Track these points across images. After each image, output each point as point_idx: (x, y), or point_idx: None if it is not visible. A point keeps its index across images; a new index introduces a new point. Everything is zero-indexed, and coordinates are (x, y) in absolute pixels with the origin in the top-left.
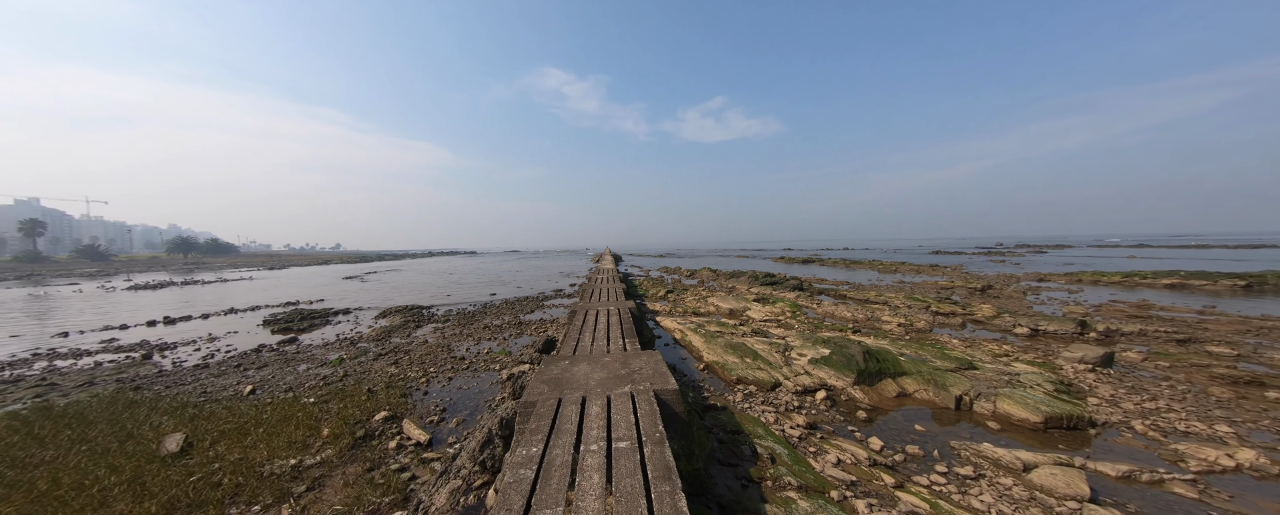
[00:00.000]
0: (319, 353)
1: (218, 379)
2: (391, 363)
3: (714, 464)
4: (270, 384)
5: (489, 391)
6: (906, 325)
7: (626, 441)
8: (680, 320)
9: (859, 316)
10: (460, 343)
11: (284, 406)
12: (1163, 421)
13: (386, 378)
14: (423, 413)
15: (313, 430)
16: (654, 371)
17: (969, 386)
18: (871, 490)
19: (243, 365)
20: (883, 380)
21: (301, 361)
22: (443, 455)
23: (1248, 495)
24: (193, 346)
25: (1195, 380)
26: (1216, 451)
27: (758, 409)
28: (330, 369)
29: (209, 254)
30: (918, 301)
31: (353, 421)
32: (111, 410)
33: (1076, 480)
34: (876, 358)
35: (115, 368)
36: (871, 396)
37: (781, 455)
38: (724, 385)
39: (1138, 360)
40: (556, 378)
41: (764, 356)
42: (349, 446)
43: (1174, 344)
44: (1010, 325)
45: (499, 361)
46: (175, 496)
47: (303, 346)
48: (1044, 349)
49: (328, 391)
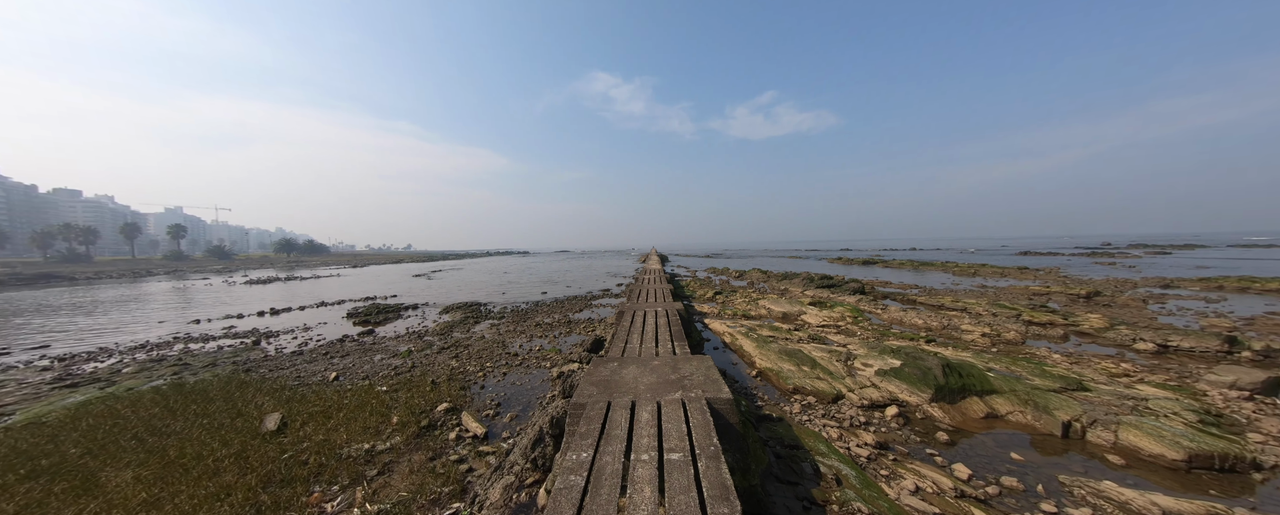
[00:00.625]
0: (391, 344)
1: (309, 365)
2: (452, 356)
3: (772, 481)
4: (350, 372)
5: (540, 389)
6: (992, 336)
7: (679, 454)
8: (730, 323)
9: (933, 324)
10: (514, 339)
11: (361, 394)
12: None
13: (448, 371)
14: (479, 406)
15: (384, 417)
16: (705, 378)
17: (1080, 411)
18: None
19: (329, 353)
20: (967, 398)
21: (377, 352)
22: (497, 450)
23: None
24: (291, 335)
25: None
26: None
27: (818, 422)
28: (400, 360)
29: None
30: (1005, 309)
31: (418, 411)
32: (227, 389)
33: None
34: (959, 372)
35: (232, 352)
36: (953, 416)
37: (848, 477)
38: (779, 394)
39: None
40: (605, 380)
41: (823, 365)
42: (414, 435)
43: None
44: (1129, 339)
45: (549, 359)
46: (271, 472)
47: (378, 338)
48: (1178, 370)
49: (398, 381)
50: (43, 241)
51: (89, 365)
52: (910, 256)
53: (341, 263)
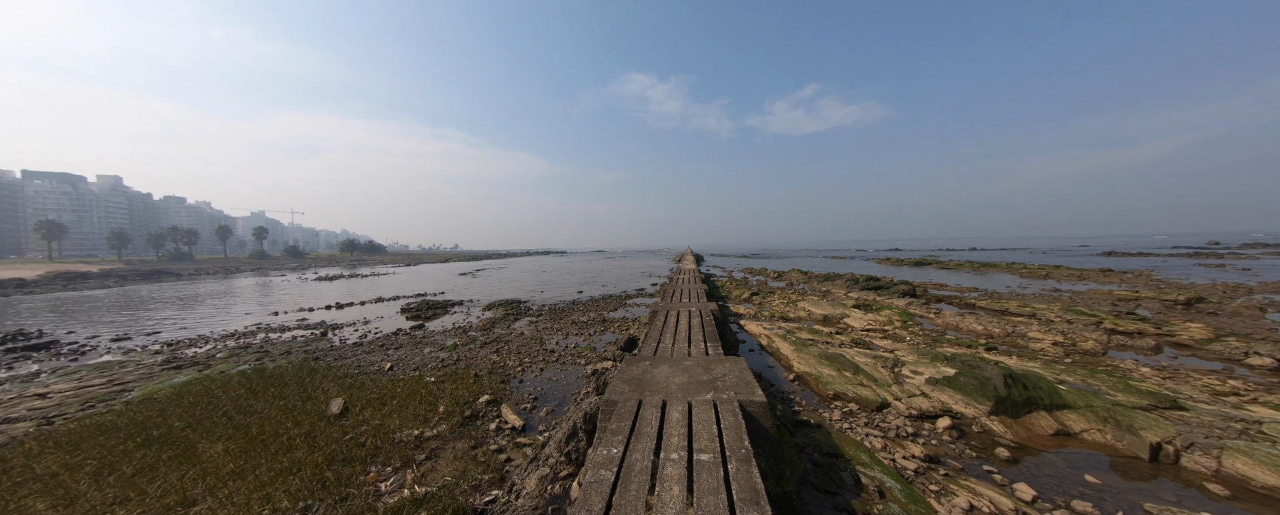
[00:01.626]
0: (439, 338)
1: (368, 355)
2: (494, 351)
3: (808, 488)
4: (403, 362)
5: (575, 385)
6: (1066, 345)
7: (709, 454)
8: (766, 325)
9: (994, 331)
10: (551, 336)
11: (412, 383)
12: None
13: (489, 365)
14: (518, 399)
15: (432, 406)
16: (738, 379)
17: (1173, 432)
18: None
19: (385, 345)
20: (1033, 412)
21: (426, 345)
22: (533, 442)
23: None
24: (352, 328)
25: None
26: None
27: (860, 431)
28: (447, 353)
29: (367, 253)
30: (1083, 315)
31: (462, 402)
32: (299, 375)
33: None
34: (1023, 383)
35: (304, 341)
36: (1016, 431)
37: (892, 490)
38: (818, 400)
39: None
40: (637, 378)
41: (867, 371)
42: (458, 424)
43: None
44: (1239, 353)
45: (584, 356)
46: (334, 451)
47: (428, 332)
48: None
49: (444, 373)
50: (156, 242)
51: (190, 350)
52: (969, 257)
53: (396, 262)
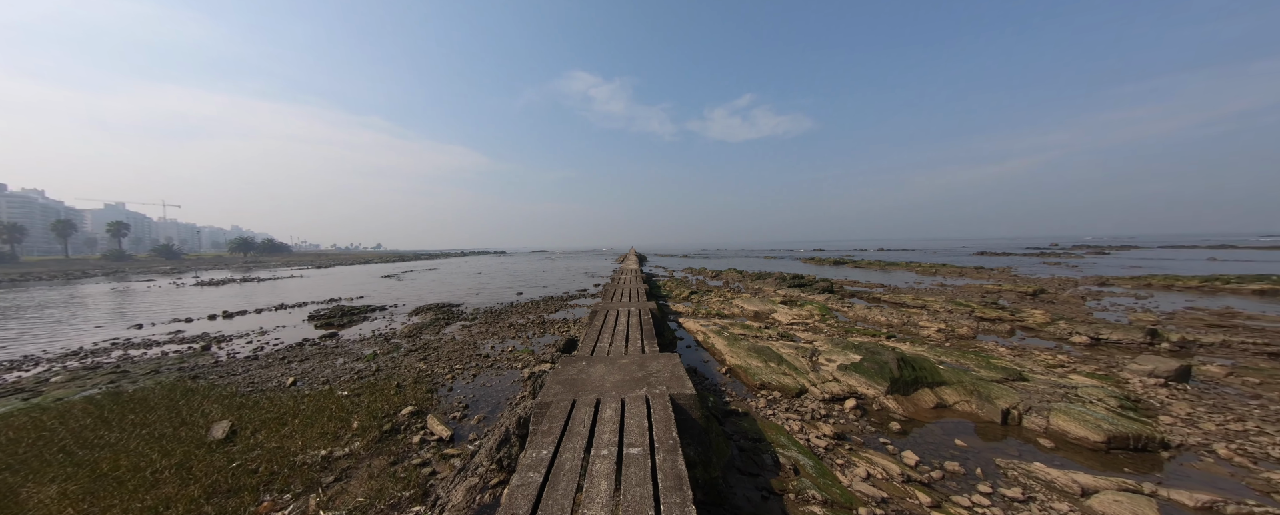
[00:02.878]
0: (355, 347)
1: (264, 370)
2: (420, 359)
3: (733, 473)
4: (310, 376)
5: (511, 390)
6: (947, 331)
7: (638, 448)
8: (703, 322)
9: (894, 321)
10: (486, 340)
11: (320, 398)
12: (1252, 445)
13: (415, 373)
14: (447, 409)
15: (344, 422)
16: (671, 375)
17: (1018, 399)
18: (904, 509)
19: (287, 358)
20: (919, 390)
21: (339, 356)
22: (462, 452)
23: None
24: (245, 339)
25: None
26: None
27: (781, 416)
28: (364, 363)
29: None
30: (960, 306)
31: (381, 415)
32: (170, 397)
33: (1146, 510)
34: (912, 365)
35: (179, 357)
36: (906, 407)
37: (805, 466)
38: (747, 390)
39: (1221, 375)
40: (572, 379)
41: (790, 361)
42: (376, 440)
43: (1265, 357)
44: (1066, 333)
45: (521, 360)
46: (216, 481)
47: (341, 341)
48: (1106, 360)
49: (360, 385)
50: None
51: (10, 375)
52: (878, 257)
53: (304, 263)
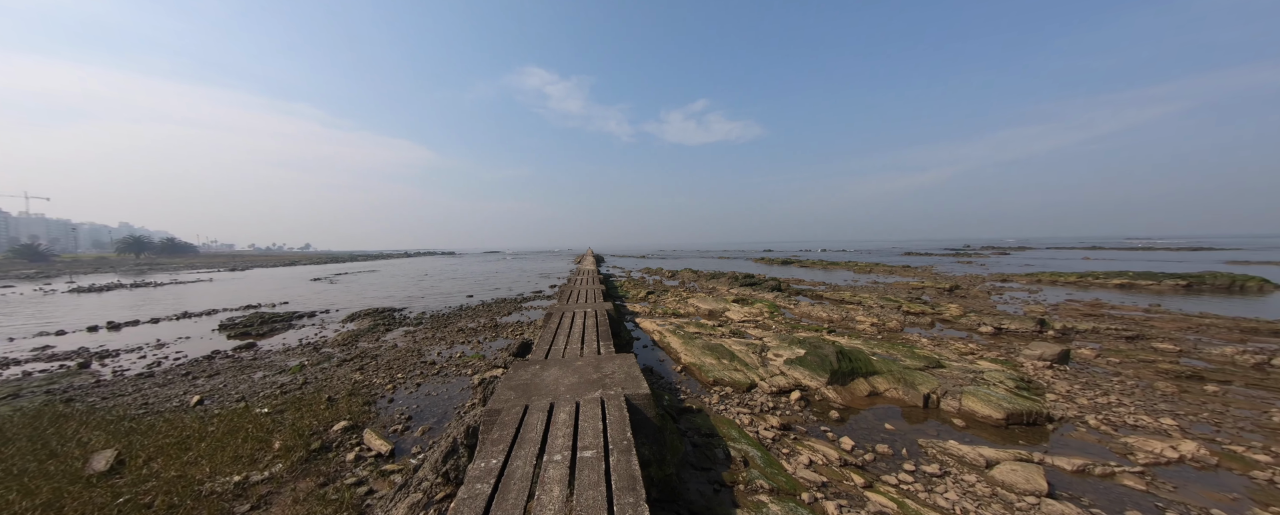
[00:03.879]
0: (278, 359)
1: (162, 389)
2: (356, 369)
3: (687, 468)
4: (221, 393)
5: (459, 398)
6: (879, 325)
7: (592, 450)
8: (660, 321)
9: (834, 317)
10: (432, 347)
11: (233, 418)
12: (1114, 416)
13: (349, 385)
14: (386, 422)
15: (263, 443)
16: (626, 375)
17: (937, 385)
18: (841, 491)
19: (192, 373)
20: (855, 380)
21: (258, 369)
22: (404, 467)
23: (1191, 486)
24: (138, 354)
25: (1142, 375)
26: (1162, 444)
27: (733, 411)
28: (289, 376)
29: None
30: (890, 302)
31: (308, 433)
32: (35, 425)
33: (1035, 476)
34: (849, 358)
35: (46, 378)
36: (844, 396)
37: (754, 458)
38: (701, 387)
39: (1091, 357)
40: (525, 384)
41: (741, 357)
42: (302, 460)
43: (1124, 341)
44: (975, 324)
45: (472, 366)
46: None
47: (261, 352)
48: (1006, 347)
49: (284, 401)
50: None
51: None
52: (821, 257)
53: (214, 265)
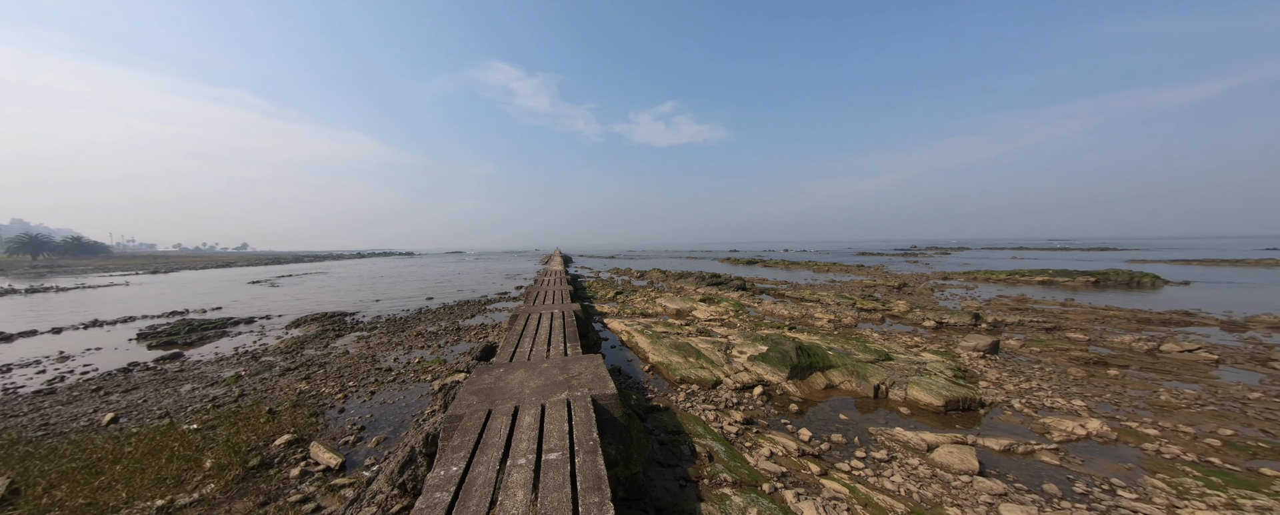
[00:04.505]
0: (210, 370)
1: (67, 407)
2: (302, 378)
3: (654, 466)
4: (140, 410)
5: (418, 405)
6: (835, 321)
7: (558, 452)
8: (628, 322)
9: (795, 314)
10: (388, 352)
11: (154, 436)
12: (1035, 399)
13: (294, 396)
14: (336, 433)
15: (192, 462)
16: (593, 376)
17: (886, 376)
18: (799, 480)
19: (104, 389)
20: (813, 374)
21: (185, 381)
22: (356, 480)
23: (1096, 459)
24: (34, 368)
25: (1058, 362)
26: (1073, 423)
27: (699, 407)
28: (223, 388)
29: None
30: (845, 299)
31: (246, 449)
32: None
33: (969, 456)
34: (808, 353)
35: None
36: (803, 390)
37: (719, 452)
38: (668, 385)
39: (1017, 347)
40: (488, 388)
41: (707, 355)
42: (238, 479)
43: (1043, 332)
44: (920, 319)
45: (431, 371)
46: None
47: (189, 363)
48: (946, 340)
49: (216, 415)
50: None
51: None
52: (784, 257)
53: (132, 267)
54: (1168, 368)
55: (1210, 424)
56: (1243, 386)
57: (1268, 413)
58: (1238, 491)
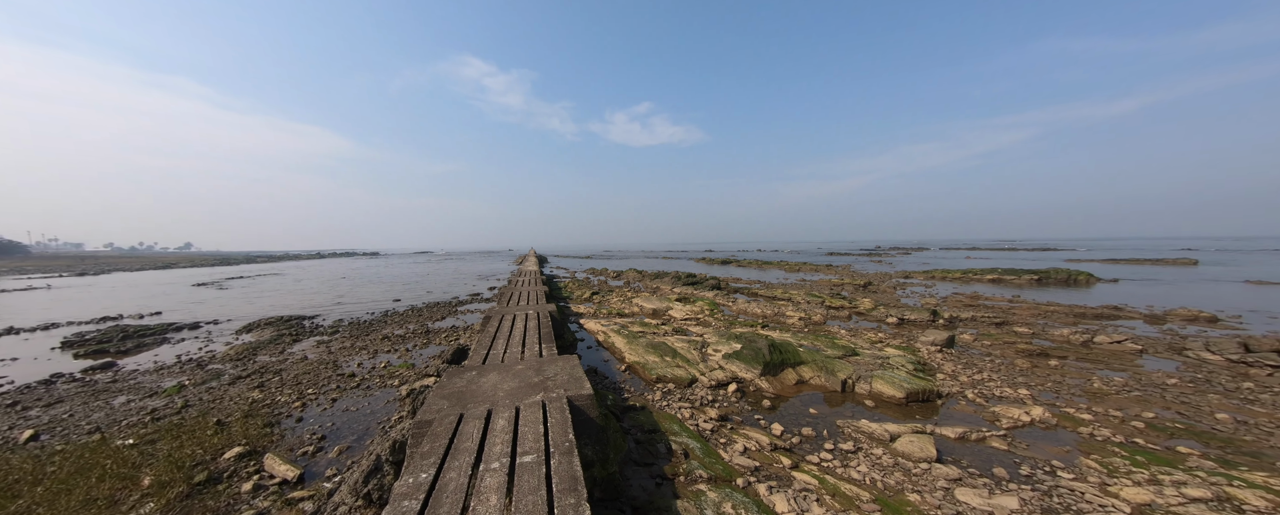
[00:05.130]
0: (148, 380)
1: None
2: (254, 386)
3: (631, 465)
4: (65, 425)
5: (384, 411)
6: (805, 319)
7: (533, 455)
8: (604, 322)
9: (767, 312)
10: (351, 357)
11: (82, 454)
12: (985, 390)
13: (246, 405)
14: (293, 444)
15: (128, 480)
16: (569, 377)
17: (852, 371)
18: (772, 473)
19: (20, 403)
20: (785, 370)
21: (120, 393)
22: (316, 492)
23: (1039, 443)
24: None
25: (1006, 355)
26: (1019, 411)
27: (675, 406)
28: (163, 400)
29: None
30: (815, 297)
31: (190, 464)
32: None
33: (927, 445)
34: (780, 350)
35: None
36: (776, 386)
37: (694, 449)
38: (644, 385)
39: (970, 341)
40: (460, 391)
41: (682, 354)
42: (182, 496)
43: (993, 327)
44: (884, 316)
45: (398, 376)
46: None
47: (123, 373)
48: (908, 335)
49: (156, 429)
50: None
51: None
52: (757, 257)
53: (53, 269)
54: (1100, 358)
55: (1135, 408)
56: (1162, 374)
57: (1183, 397)
58: (1158, 469)
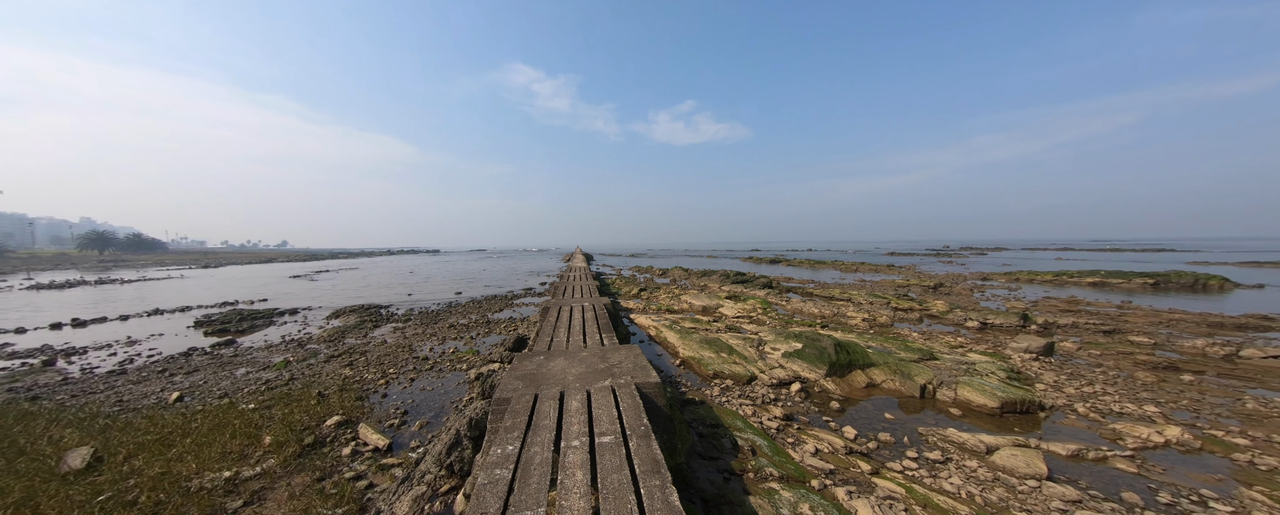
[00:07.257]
0: (261, 356)
1: (137, 386)
2: (345, 365)
3: (695, 458)
4: (201, 390)
5: (455, 392)
6: (870, 320)
7: (610, 436)
8: (654, 317)
9: (826, 312)
10: (423, 343)
11: (217, 414)
12: (1100, 404)
13: (339, 380)
14: (381, 416)
15: (252, 439)
16: (634, 365)
17: (932, 376)
18: (849, 478)
19: (168, 370)
20: (853, 371)
21: (240, 365)
22: (404, 460)
23: (1178, 468)
24: (107, 351)
25: (1122, 366)
26: (1148, 429)
27: (735, 402)
28: (274, 372)
29: (130, 251)
30: (879, 298)
31: (300, 428)
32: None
33: (1035, 460)
34: (846, 350)
35: (8, 376)
36: (842, 387)
37: (762, 447)
38: (700, 380)
39: (1073, 350)
40: (531, 374)
41: (738, 351)
42: (295, 455)
43: (1102, 335)
44: (962, 319)
45: (466, 361)
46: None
47: (241, 349)
48: (993, 341)
49: (271, 396)
50: None
51: None
52: (808, 256)
53: (185, 262)
54: (1250, 374)
55: None
56: None
57: None
58: None
